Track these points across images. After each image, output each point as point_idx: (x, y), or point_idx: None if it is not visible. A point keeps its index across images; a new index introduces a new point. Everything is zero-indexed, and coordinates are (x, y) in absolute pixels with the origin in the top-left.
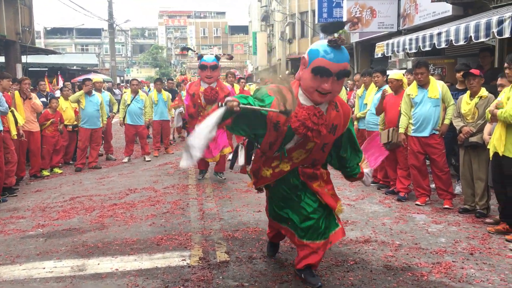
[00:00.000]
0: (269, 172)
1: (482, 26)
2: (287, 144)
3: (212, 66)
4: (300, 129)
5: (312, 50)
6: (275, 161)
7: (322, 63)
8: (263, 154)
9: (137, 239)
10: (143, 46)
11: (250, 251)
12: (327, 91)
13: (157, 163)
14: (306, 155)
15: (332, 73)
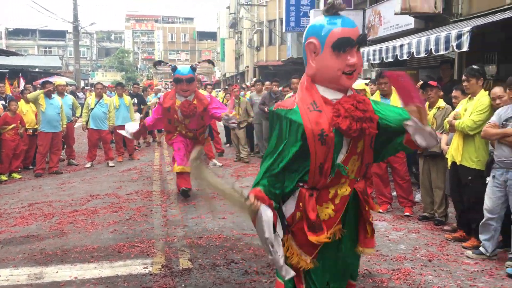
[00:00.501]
0: (331, 207)
1: (442, 39)
2: (339, 156)
3: (188, 79)
4: (353, 125)
5: (317, 28)
6: (331, 189)
7: (341, 34)
8: (313, 189)
9: (98, 246)
10: (109, 49)
11: (214, 258)
12: (354, 67)
13: (120, 169)
14: (359, 162)
15: (355, 41)
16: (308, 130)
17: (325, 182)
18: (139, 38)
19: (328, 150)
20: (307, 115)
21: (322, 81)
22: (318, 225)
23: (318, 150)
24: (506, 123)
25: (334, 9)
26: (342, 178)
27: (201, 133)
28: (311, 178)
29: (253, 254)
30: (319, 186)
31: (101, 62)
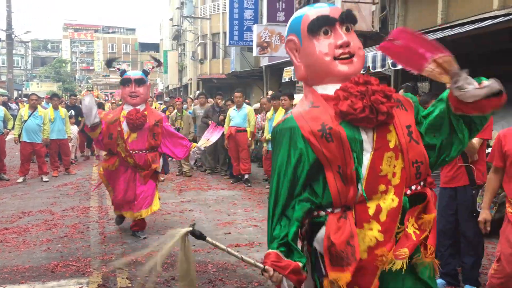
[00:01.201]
0: (376, 228)
1: (378, 57)
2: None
3: (138, 80)
4: (357, 103)
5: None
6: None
7: (315, 14)
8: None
9: (30, 266)
10: (45, 59)
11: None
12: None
13: (55, 184)
14: (401, 161)
15: (335, 18)
16: (305, 131)
17: (355, 193)
18: (78, 48)
19: (342, 147)
20: (302, 115)
21: (316, 78)
22: (347, 256)
23: (327, 151)
24: None
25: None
26: (380, 184)
27: (153, 159)
28: (335, 190)
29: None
30: (351, 202)
31: (36, 72)
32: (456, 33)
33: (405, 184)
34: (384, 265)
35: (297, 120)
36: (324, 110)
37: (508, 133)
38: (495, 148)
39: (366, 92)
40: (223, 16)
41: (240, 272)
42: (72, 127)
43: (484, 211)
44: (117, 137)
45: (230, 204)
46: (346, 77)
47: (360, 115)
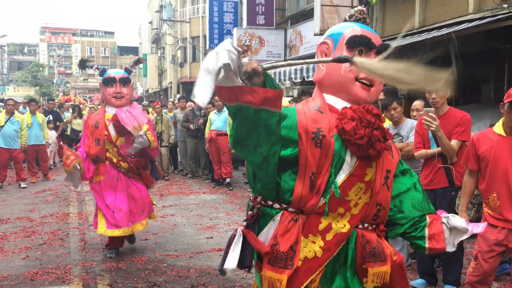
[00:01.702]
0: (318, 244)
1: None
2: (338, 175)
3: (122, 80)
4: (360, 129)
5: (334, 30)
6: (324, 220)
7: (358, 32)
8: (299, 211)
9: (8, 274)
10: (21, 63)
11: (135, 282)
12: None
13: (34, 190)
14: (368, 196)
15: (375, 45)
16: (300, 125)
17: (315, 204)
18: (55, 52)
19: (325, 158)
20: (305, 112)
21: (331, 87)
22: (286, 259)
23: (310, 154)
24: (393, 140)
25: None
26: (340, 207)
27: (142, 165)
28: (298, 193)
29: (176, 276)
30: (308, 210)
31: (12, 76)
32: (433, 37)
33: (361, 219)
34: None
35: (298, 114)
36: (326, 118)
37: (480, 136)
38: (469, 151)
39: (372, 124)
40: (203, 19)
41: (222, 277)
42: (50, 132)
43: (461, 214)
44: (105, 142)
45: (212, 208)
46: (358, 101)
47: (357, 141)
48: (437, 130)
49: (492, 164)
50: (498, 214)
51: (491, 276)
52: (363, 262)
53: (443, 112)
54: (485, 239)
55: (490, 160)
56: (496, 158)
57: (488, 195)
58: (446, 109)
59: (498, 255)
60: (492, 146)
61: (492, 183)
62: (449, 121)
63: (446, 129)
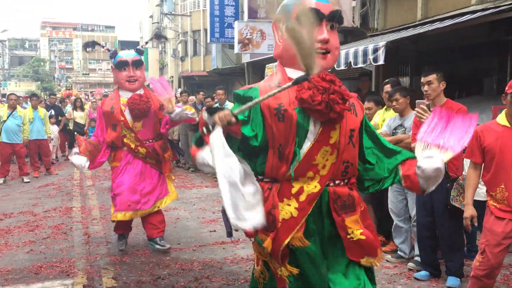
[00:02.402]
0: (293, 206)
1: (360, 53)
2: (304, 143)
3: (135, 62)
4: (317, 96)
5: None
6: (295, 184)
7: (307, 5)
8: (273, 180)
9: (13, 268)
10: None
11: (139, 275)
12: (326, 43)
13: (37, 185)
14: (335, 157)
15: (325, 15)
16: (263, 104)
17: (286, 171)
18: (56, 46)
19: (289, 130)
20: (266, 91)
21: (288, 61)
22: (268, 223)
23: (276, 128)
24: (396, 131)
25: None
26: (309, 171)
27: (162, 147)
28: (269, 163)
29: (180, 269)
30: (280, 177)
31: (14, 71)
32: (436, 28)
33: (331, 177)
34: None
35: (260, 93)
36: (286, 93)
37: (485, 129)
38: (473, 144)
39: (327, 90)
40: (204, 13)
41: (226, 269)
42: (53, 127)
43: (468, 207)
44: (122, 127)
45: (214, 201)
46: None
47: (316, 107)
48: None
49: (499, 155)
50: (505, 206)
51: (498, 269)
52: (337, 215)
53: (440, 104)
54: (492, 232)
55: (497, 152)
56: (502, 149)
57: (495, 187)
58: (443, 101)
59: (506, 248)
60: (498, 138)
61: (498, 175)
62: None
63: None
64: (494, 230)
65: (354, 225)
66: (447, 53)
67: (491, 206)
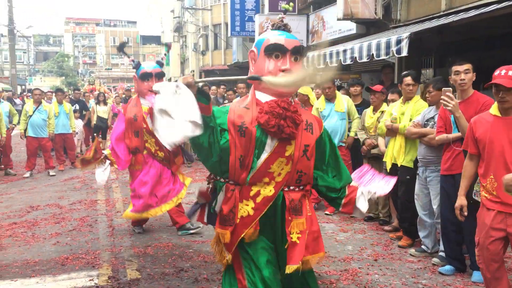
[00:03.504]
0: (250, 206)
1: (382, 45)
2: (262, 154)
3: (158, 74)
4: (271, 120)
5: (258, 40)
6: (254, 187)
7: (273, 41)
8: (235, 183)
9: (40, 259)
10: (47, 53)
11: (163, 267)
12: (288, 72)
13: (62, 178)
14: (289, 167)
15: (287, 49)
16: (229, 121)
17: (245, 177)
18: (80, 42)
19: (249, 143)
20: (234, 110)
21: (259, 84)
22: (229, 218)
23: (238, 142)
24: (427, 123)
25: (280, 25)
26: (266, 177)
27: (174, 152)
28: (232, 170)
29: (202, 261)
30: (241, 182)
31: (39, 66)
32: (461, 19)
33: (285, 183)
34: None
35: (229, 112)
36: (250, 113)
37: (478, 119)
38: (468, 135)
39: (280, 115)
40: (225, 6)
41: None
42: (77, 121)
43: (460, 198)
44: (144, 133)
45: None
46: (280, 94)
47: (270, 129)
48: (454, 110)
49: (489, 145)
50: (495, 197)
51: (497, 263)
52: (288, 215)
53: (467, 96)
54: (482, 224)
55: (487, 142)
56: (492, 139)
57: (486, 177)
58: (470, 93)
59: (497, 240)
60: (488, 128)
61: (489, 165)
62: (471, 106)
63: (468, 113)
64: (485, 223)
65: (297, 227)
66: (472, 44)
67: (483, 198)
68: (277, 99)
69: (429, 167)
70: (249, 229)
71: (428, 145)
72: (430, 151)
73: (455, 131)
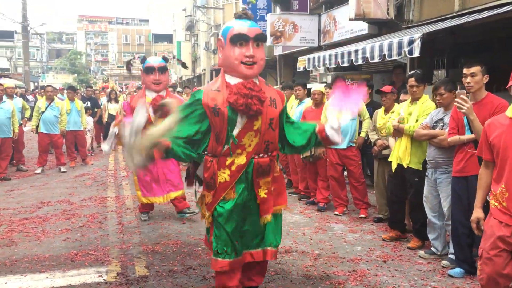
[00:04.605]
0: (227, 173)
1: (394, 45)
2: (234, 130)
3: (160, 68)
4: (239, 100)
5: (224, 28)
6: (229, 158)
7: (237, 31)
8: (213, 155)
9: (50, 255)
10: (60, 51)
11: (171, 264)
12: (251, 58)
13: (73, 174)
14: (258, 138)
15: (250, 37)
16: (204, 104)
17: (221, 150)
18: (92, 40)
19: (222, 122)
20: (208, 93)
21: (227, 69)
22: (211, 184)
23: (213, 120)
24: (436, 124)
25: (243, 14)
26: (238, 149)
27: None
28: (210, 144)
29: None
30: (218, 154)
31: (52, 64)
32: (475, 19)
33: (255, 153)
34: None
35: (203, 95)
36: (221, 95)
37: (492, 122)
38: (482, 140)
39: (247, 95)
40: (236, 5)
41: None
42: (88, 118)
43: (476, 210)
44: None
45: None
46: (246, 77)
47: (239, 108)
48: (468, 113)
49: (503, 151)
50: (505, 208)
51: (501, 278)
52: (257, 178)
53: (481, 98)
54: (489, 234)
55: (501, 147)
56: (506, 144)
57: (498, 186)
58: (483, 95)
59: (505, 252)
60: (503, 132)
61: (502, 172)
62: (485, 108)
63: (481, 115)
64: (491, 232)
65: (264, 185)
66: (486, 45)
67: (492, 206)
68: (243, 81)
69: (438, 168)
70: (228, 191)
71: (437, 147)
72: (439, 152)
73: (468, 132)
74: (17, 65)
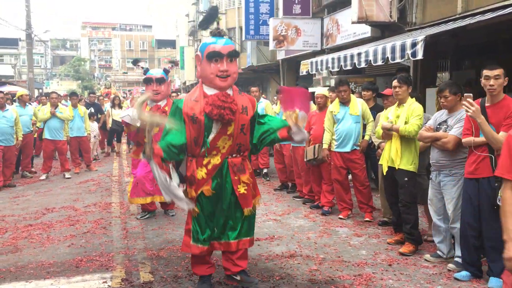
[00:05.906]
0: (204, 171)
1: (397, 48)
2: (210, 135)
3: (159, 79)
4: (214, 110)
5: (201, 45)
6: (205, 158)
7: (212, 49)
8: (193, 156)
9: (54, 261)
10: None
11: (176, 270)
12: (225, 72)
13: (78, 180)
14: (231, 141)
15: (224, 54)
16: (184, 112)
17: (199, 152)
18: (96, 46)
19: (199, 128)
20: (187, 103)
21: (205, 81)
22: (192, 180)
23: (192, 128)
24: (440, 126)
25: (217, 33)
26: (214, 151)
27: None
28: (189, 148)
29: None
30: (196, 155)
31: (56, 70)
32: (478, 21)
33: (229, 153)
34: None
35: (184, 104)
36: (199, 105)
37: None
38: (505, 154)
39: (220, 106)
40: (239, 10)
41: (261, 266)
42: (93, 124)
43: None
44: None
45: None
46: (221, 88)
47: (213, 117)
48: (476, 116)
49: None
50: None
51: None
52: (234, 175)
53: (498, 100)
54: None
55: None
56: None
57: None
58: (500, 97)
59: None
60: None
61: None
62: (501, 110)
63: (497, 118)
64: None
65: (244, 182)
66: (490, 47)
67: None
68: (218, 93)
69: (442, 171)
70: (204, 186)
71: (440, 149)
72: (443, 155)
73: (482, 135)
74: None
